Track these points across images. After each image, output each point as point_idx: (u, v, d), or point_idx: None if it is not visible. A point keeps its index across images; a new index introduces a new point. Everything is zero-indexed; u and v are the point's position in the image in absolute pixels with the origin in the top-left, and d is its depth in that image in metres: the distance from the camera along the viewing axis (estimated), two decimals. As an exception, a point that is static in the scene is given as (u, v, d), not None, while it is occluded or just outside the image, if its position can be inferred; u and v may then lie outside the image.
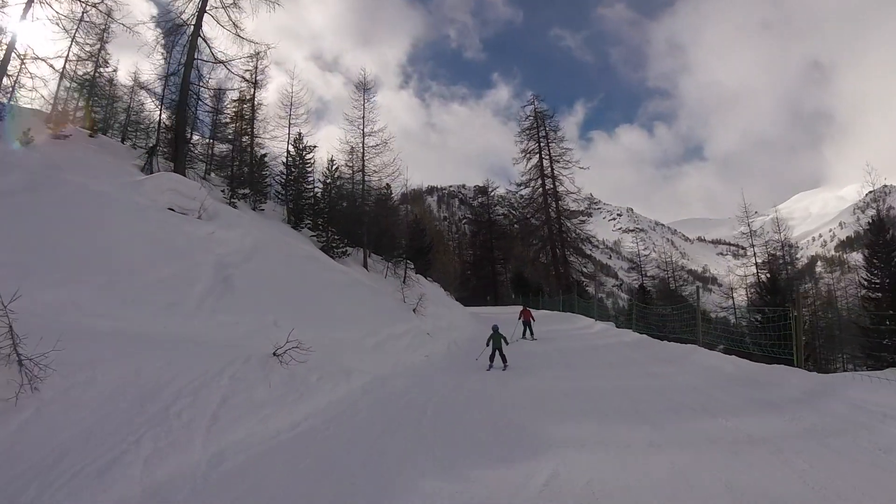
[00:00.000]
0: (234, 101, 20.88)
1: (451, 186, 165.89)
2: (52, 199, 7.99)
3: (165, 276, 7.53)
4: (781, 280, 23.30)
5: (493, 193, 44.01)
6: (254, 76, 21.22)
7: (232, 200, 16.16)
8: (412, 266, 19.36)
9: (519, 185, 35.95)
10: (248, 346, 6.58)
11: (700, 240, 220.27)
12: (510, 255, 40.58)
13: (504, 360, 9.25)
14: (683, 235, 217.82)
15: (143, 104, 20.84)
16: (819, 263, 23.97)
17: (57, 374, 4.15)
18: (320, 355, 6.92)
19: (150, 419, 4.35)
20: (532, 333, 14.11)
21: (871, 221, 17.97)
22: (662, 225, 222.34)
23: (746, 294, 28.69)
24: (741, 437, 4.39)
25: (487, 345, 9.43)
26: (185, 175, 14.30)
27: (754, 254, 29.53)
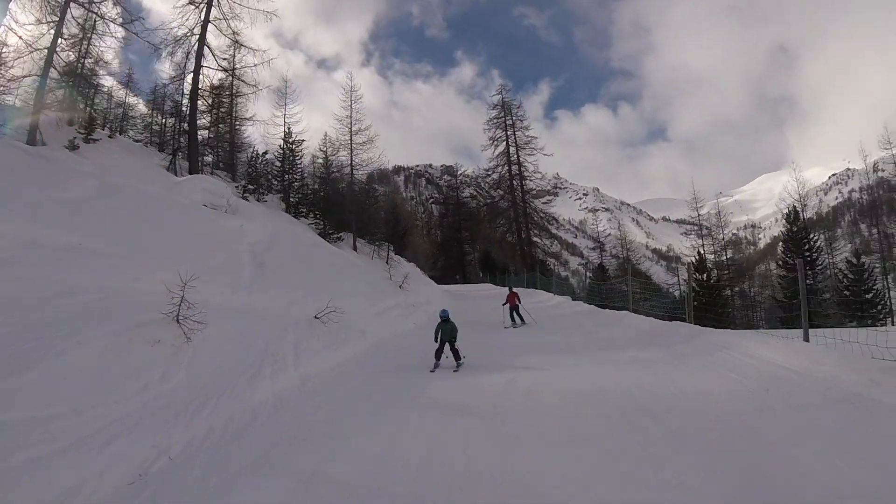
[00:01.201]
0: (214, 88, 22.69)
1: (417, 166, 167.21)
2: (121, 202, 10.16)
3: (220, 262, 9.92)
4: (708, 260, 27.08)
5: (459, 175, 46.57)
6: (231, 64, 23.11)
7: (244, 195, 18.21)
8: (393, 248, 22.05)
9: (487, 170, 39.01)
10: (293, 312, 9.13)
11: (665, 219, 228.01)
12: (478, 235, 43.28)
13: (456, 356, 7.84)
14: (649, 215, 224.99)
15: (135, 104, 22.53)
16: (780, 244, 27.43)
17: (193, 332, 6.66)
18: (342, 320, 9.57)
19: (259, 356, 6.90)
20: (522, 319, 13.18)
21: (787, 212, 21.59)
22: (628, 205, 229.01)
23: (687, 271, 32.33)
24: (631, 360, 7.33)
25: (436, 339, 7.98)
26: (198, 171, 16.45)
27: (700, 235, 33.18)
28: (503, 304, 13.72)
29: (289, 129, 22.47)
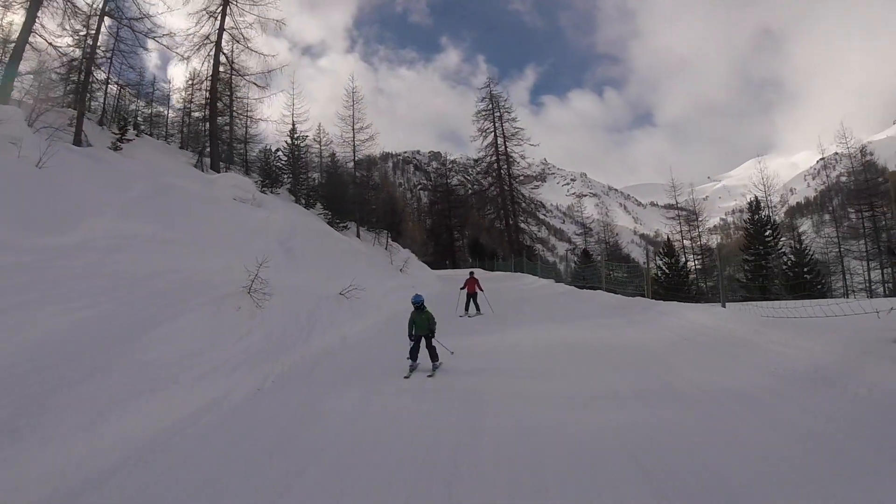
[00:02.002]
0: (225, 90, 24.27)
1: (405, 153, 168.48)
2: (174, 199, 12.00)
3: (258, 248, 11.81)
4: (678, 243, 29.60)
5: (448, 162, 48.58)
6: (230, 65, 24.77)
7: (263, 189, 19.98)
8: (390, 236, 24.12)
9: (476, 160, 41.10)
10: (322, 290, 11.12)
11: (652, 204, 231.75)
12: (466, 222, 45.37)
13: (433, 355, 6.87)
14: (636, 200, 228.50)
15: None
16: (742, 231, 29.85)
17: (263, 301, 8.66)
18: (360, 297, 11.61)
19: (306, 322, 8.91)
20: (478, 308, 13.01)
21: (750, 202, 24.07)
22: (616, 190, 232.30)
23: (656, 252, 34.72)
24: (595, 324, 9.53)
25: (410, 335, 7.08)
26: (218, 168, 18.28)
27: (680, 221, 35.54)
28: (461, 289, 13.45)
29: (294, 125, 24.38)
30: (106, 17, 15.88)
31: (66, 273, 6.76)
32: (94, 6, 15.92)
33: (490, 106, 38.65)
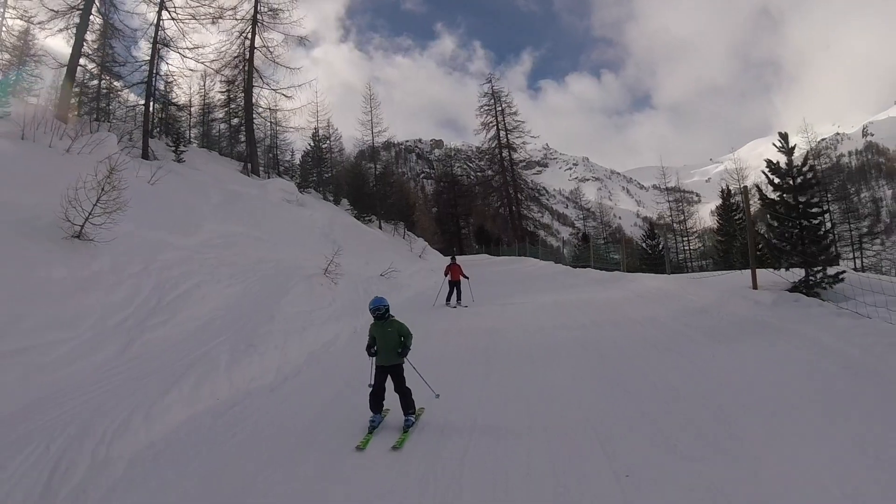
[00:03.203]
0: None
1: (407, 141, 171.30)
2: (244, 203, 15.23)
3: (313, 241, 15.20)
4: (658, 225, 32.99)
5: (451, 151, 51.67)
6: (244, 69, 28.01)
7: (301, 191, 23.25)
8: (405, 226, 27.51)
9: (479, 150, 44.43)
10: (365, 272, 14.45)
11: (655, 187, 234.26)
12: (471, 210, 48.53)
13: (406, 401, 4.97)
14: (639, 184, 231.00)
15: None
16: (714, 214, 32.90)
17: (336, 279, 11.97)
18: (395, 277, 14.94)
19: (363, 294, 12.22)
20: (460, 297, 12.92)
21: (721, 190, 27.44)
22: (618, 173, 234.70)
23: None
24: (578, 292, 12.89)
25: (370, 352, 5.17)
26: (258, 172, 21.58)
27: (668, 204, 38.76)
28: (445, 277, 13.40)
29: (316, 129, 27.74)
30: (159, 45, 19.11)
31: (210, 262, 10.07)
32: (148, 34, 19.16)
33: (492, 101, 41.88)
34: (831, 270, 8.17)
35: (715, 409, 4.56)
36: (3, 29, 20.18)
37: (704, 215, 53.51)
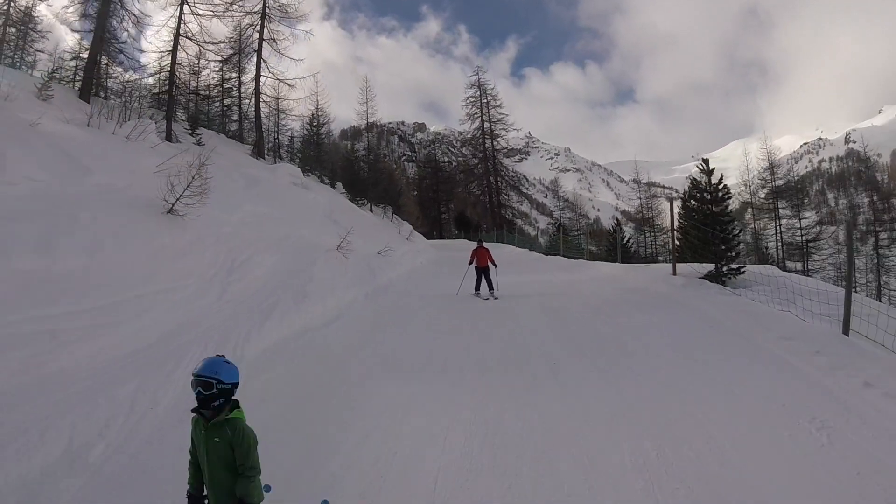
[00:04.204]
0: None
1: (389, 123, 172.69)
2: (262, 187, 17.65)
3: (319, 221, 17.79)
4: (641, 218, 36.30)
5: (432, 135, 54.25)
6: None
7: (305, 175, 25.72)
8: (393, 210, 30.19)
9: (463, 141, 47.13)
10: (366, 250, 17.13)
11: (635, 181, 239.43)
12: (453, 196, 51.20)
13: None
14: (619, 177, 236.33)
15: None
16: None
17: (347, 254, 14.65)
18: (390, 255, 17.68)
19: (368, 268, 14.93)
20: (492, 286, 12.40)
21: (690, 184, 30.60)
22: (599, 165, 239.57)
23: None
24: (548, 275, 15.85)
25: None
26: (263, 156, 23.99)
27: (641, 204, 42.08)
28: (469, 264, 12.99)
29: (313, 113, 30.18)
30: (180, 37, 21.34)
31: (250, 237, 12.63)
32: (171, 26, 21.38)
33: (478, 93, 44.54)
34: (734, 265, 11.28)
35: (623, 346, 7.51)
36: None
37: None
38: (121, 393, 5.18)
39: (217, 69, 28.89)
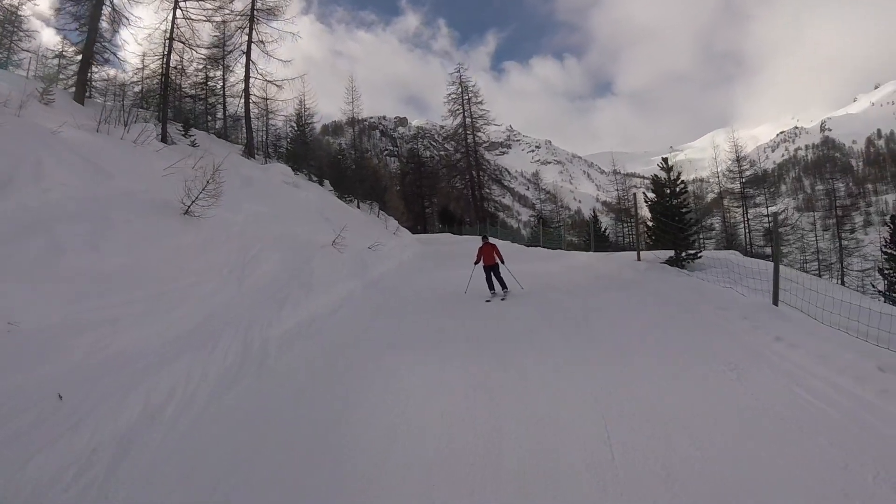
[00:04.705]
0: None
1: (370, 118, 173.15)
2: (256, 187, 18.73)
3: (312, 219, 18.90)
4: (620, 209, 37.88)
5: (417, 128, 55.35)
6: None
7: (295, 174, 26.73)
8: (379, 206, 31.34)
9: (445, 137, 48.36)
10: (357, 245, 18.29)
11: (615, 172, 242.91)
12: (436, 191, 52.28)
13: None
14: (600, 168, 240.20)
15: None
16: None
17: (342, 250, 15.80)
18: (380, 250, 18.87)
19: (360, 262, 16.13)
20: (503, 284, 11.85)
21: (651, 180, 32.29)
22: (580, 157, 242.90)
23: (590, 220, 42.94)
24: (529, 264, 17.19)
25: None
26: (253, 154, 24.92)
27: (618, 195, 43.63)
28: (475, 264, 12.50)
29: (299, 112, 31.17)
30: (175, 42, 22.20)
31: (254, 235, 13.74)
32: (165, 31, 22.22)
33: (460, 90, 45.75)
34: (691, 251, 12.73)
35: (587, 319, 8.86)
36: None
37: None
38: (177, 367, 6.36)
39: (201, 67, 29.67)
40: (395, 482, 4.30)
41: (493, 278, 11.93)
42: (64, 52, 25.98)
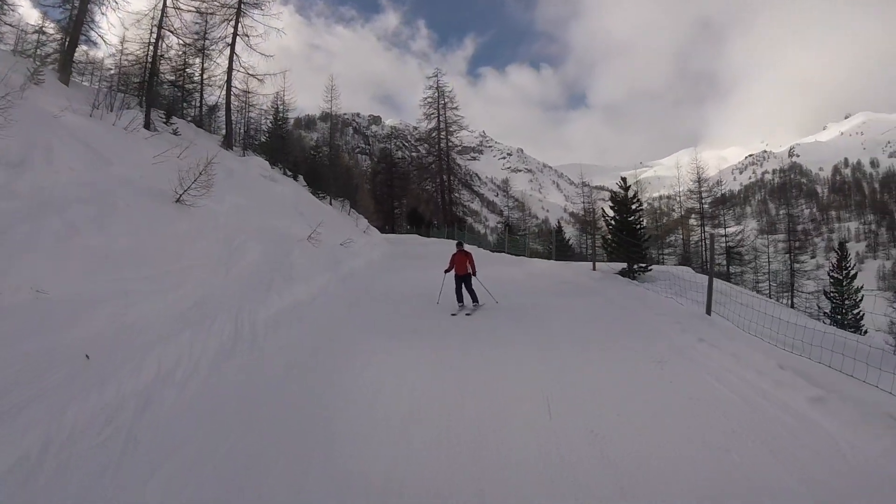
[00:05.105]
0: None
1: (344, 115, 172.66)
2: (238, 179, 19.42)
3: (288, 212, 19.79)
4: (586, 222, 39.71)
5: (391, 128, 56.33)
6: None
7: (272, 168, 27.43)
8: (350, 203, 32.34)
9: (418, 139, 49.65)
10: (330, 241, 19.29)
11: (584, 185, 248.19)
12: (406, 192, 53.45)
13: None
14: (569, 179, 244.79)
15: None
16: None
17: (317, 244, 16.79)
18: (351, 246, 19.91)
19: (333, 256, 17.13)
20: (474, 296, 11.36)
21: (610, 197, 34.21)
22: (550, 167, 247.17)
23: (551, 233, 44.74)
24: (496, 268, 18.50)
25: None
26: (231, 146, 25.63)
27: (584, 208, 45.47)
28: (445, 272, 11.90)
29: (276, 108, 31.93)
30: (162, 29, 22.84)
31: (237, 226, 14.63)
32: (153, 18, 22.84)
33: (436, 94, 47.04)
34: (642, 264, 14.23)
35: (543, 318, 10.14)
36: None
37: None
38: (183, 338, 7.35)
39: (181, 52, 30.14)
40: (380, 427, 5.46)
41: (465, 290, 11.42)
42: (44, 29, 26.20)
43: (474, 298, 11.32)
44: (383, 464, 4.78)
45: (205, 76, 30.04)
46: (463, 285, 11.45)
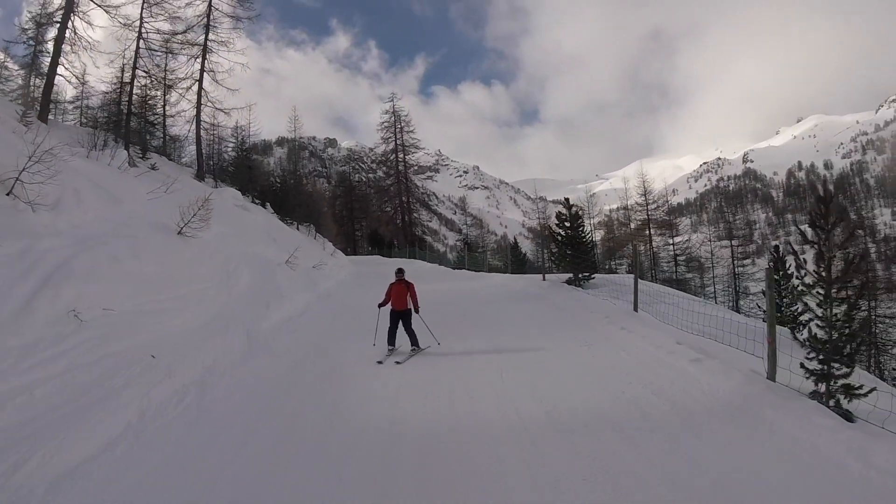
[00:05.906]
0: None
1: (300, 138, 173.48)
2: (216, 208, 21.43)
3: (263, 239, 21.86)
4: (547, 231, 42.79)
5: (349, 150, 58.56)
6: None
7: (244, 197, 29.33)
8: (315, 228, 34.55)
9: (376, 162, 52.30)
10: (304, 264, 21.45)
11: (542, 199, 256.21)
12: (366, 214, 55.58)
13: None
14: (526, 194, 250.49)
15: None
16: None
17: (294, 267, 18.98)
18: (322, 269, 22.15)
19: (310, 279, 19.32)
20: (413, 339, 9.86)
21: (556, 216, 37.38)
22: (507, 183, 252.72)
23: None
24: (456, 283, 21.05)
25: None
26: (203, 178, 27.60)
27: (539, 223, 48.54)
28: (380, 305, 10.53)
29: (242, 139, 34.03)
30: (137, 70, 24.83)
31: (228, 252, 16.70)
32: (128, 60, 24.81)
33: (392, 118, 49.78)
34: (586, 273, 17.01)
35: (497, 320, 12.67)
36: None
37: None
38: (211, 345, 9.52)
39: (142, 84, 32.02)
40: (378, 395, 7.84)
41: (402, 328, 9.99)
42: (6, 64, 27.66)
43: (413, 342, 9.84)
44: (387, 415, 7.13)
45: (169, 109, 31.79)
46: (400, 323, 10.00)
